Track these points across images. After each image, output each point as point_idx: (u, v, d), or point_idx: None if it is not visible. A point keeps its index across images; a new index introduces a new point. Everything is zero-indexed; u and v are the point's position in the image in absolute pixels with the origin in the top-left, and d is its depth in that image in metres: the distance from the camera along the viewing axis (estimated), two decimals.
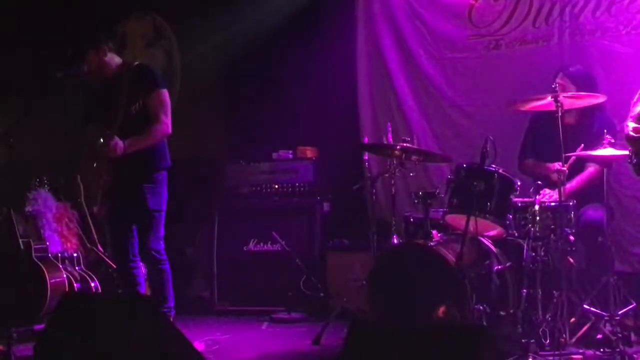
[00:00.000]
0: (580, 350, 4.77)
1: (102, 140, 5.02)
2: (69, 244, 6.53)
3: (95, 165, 5.16)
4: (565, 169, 5.01)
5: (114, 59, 5.29)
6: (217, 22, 7.40)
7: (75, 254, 6.40)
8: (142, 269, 5.36)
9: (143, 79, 5.15)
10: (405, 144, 5.56)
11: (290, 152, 7.23)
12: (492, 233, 5.30)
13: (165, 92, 5.20)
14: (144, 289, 5.38)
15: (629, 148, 4.86)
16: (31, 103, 5.21)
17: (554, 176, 5.26)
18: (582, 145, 5.17)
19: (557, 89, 5.15)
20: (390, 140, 5.75)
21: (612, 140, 4.94)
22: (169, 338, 4.28)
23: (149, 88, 5.13)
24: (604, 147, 4.94)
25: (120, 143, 5.00)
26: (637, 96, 4.96)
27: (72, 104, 6.11)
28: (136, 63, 5.33)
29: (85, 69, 5.20)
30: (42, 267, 6.04)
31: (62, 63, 5.24)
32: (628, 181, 5.88)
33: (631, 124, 4.84)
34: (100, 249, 6.46)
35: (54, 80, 5.20)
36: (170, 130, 5.21)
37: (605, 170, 5.05)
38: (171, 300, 5.29)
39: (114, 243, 5.48)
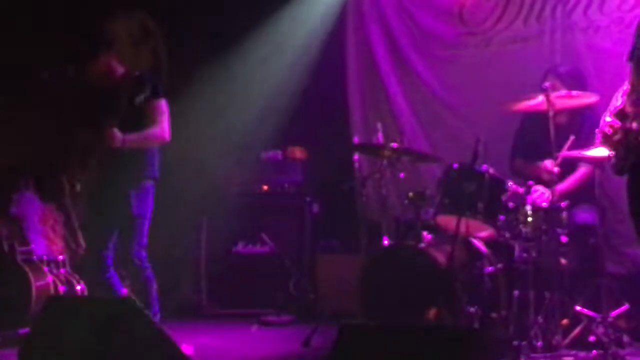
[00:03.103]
0: (572, 352, 4.76)
1: (99, 133, 4.99)
2: (54, 247, 6.47)
3: (85, 164, 5.12)
4: (556, 168, 4.98)
5: (119, 67, 5.30)
6: (206, 21, 7.36)
7: (60, 257, 6.35)
8: (116, 277, 5.30)
9: (144, 88, 5.14)
10: (395, 144, 5.54)
11: (280, 152, 7.19)
12: (483, 234, 5.28)
13: (164, 102, 5.22)
14: (125, 293, 5.33)
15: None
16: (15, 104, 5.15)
17: (545, 176, 5.24)
18: (571, 140, 5.12)
19: (548, 90, 5.14)
20: (381, 140, 5.72)
21: None
22: (156, 341, 4.24)
23: (149, 97, 5.12)
24: (596, 147, 4.90)
25: (119, 134, 4.97)
26: (620, 91, 4.88)
27: (57, 106, 6.06)
28: (137, 73, 5.32)
29: (72, 70, 5.18)
30: (27, 269, 5.98)
31: (69, 59, 5.21)
32: (620, 181, 5.83)
33: (608, 118, 4.73)
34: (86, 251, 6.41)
35: (38, 81, 5.17)
36: (168, 137, 5.20)
37: (597, 170, 5.02)
38: (155, 306, 5.24)
39: (91, 246, 5.44)
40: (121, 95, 5.10)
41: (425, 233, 5.37)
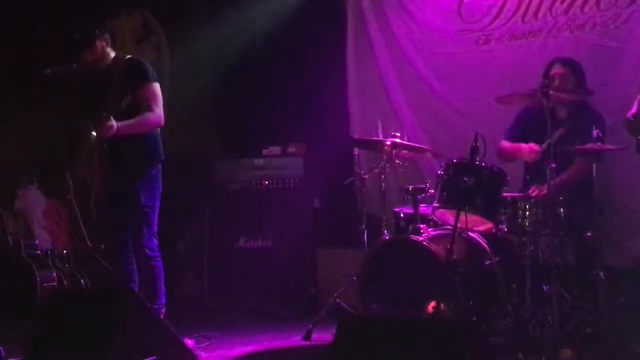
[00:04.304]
0: (570, 345, 4.77)
1: (95, 124, 5.02)
2: (58, 241, 6.52)
3: (89, 160, 5.15)
4: (539, 149, 5.03)
5: (111, 52, 5.31)
6: (207, 19, 7.39)
7: (64, 251, 6.39)
8: (134, 264, 5.34)
9: (134, 73, 5.15)
10: (395, 140, 5.57)
11: (280, 148, 7.22)
12: (481, 228, 5.31)
13: (156, 85, 5.21)
14: (137, 286, 5.37)
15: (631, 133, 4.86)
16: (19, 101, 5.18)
17: (527, 157, 5.30)
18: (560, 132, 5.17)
19: (557, 79, 5.22)
20: (380, 135, 5.75)
21: (601, 135, 4.95)
22: (159, 334, 4.29)
23: (140, 81, 5.13)
24: (593, 142, 4.95)
25: (114, 123, 4.99)
26: None
27: (60, 102, 6.09)
28: (127, 57, 5.33)
29: (75, 66, 5.21)
30: (32, 264, 6.03)
31: (69, 48, 5.23)
32: (619, 175, 5.88)
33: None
34: (90, 245, 6.45)
35: (42, 77, 5.20)
36: (162, 121, 5.21)
37: (594, 164, 5.05)
38: (162, 297, 5.28)
39: (109, 239, 5.47)
40: (113, 78, 5.12)
41: (424, 227, 5.40)
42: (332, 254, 6.79)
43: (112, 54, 5.30)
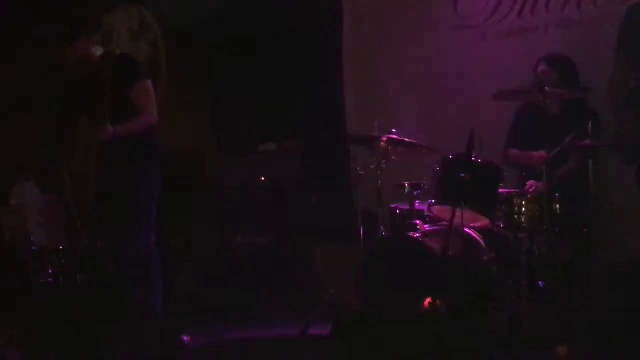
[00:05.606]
0: (566, 341, 4.78)
1: (91, 128, 5.03)
2: (54, 238, 6.50)
3: (86, 156, 5.16)
4: (549, 156, 5.02)
5: (98, 51, 5.29)
6: (201, 14, 7.39)
7: (60, 248, 6.38)
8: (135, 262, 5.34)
9: (125, 70, 5.14)
10: (391, 136, 5.58)
11: (276, 144, 7.22)
12: (478, 224, 5.33)
13: (148, 82, 5.20)
14: (134, 282, 5.36)
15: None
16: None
17: (538, 166, 5.29)
18: (569, 136, 5.17)
19: (540, 77, 5.21)
20: (377, 132, 5.76)
21: (597, 131, 4.96)
22: (155, 331, 4.30)
23: (132, 79, 5.12)
24: (589, 139, 4.96)
25: (110, 129, 4.99)
26: None
27: (57, 97, 6.08)
28: (118, 53, 5.33)
29: (69, 52, 5.20)
30: (27, 261, 6.02)
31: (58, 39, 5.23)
32: (617, 171, 5.89)
33: None
34: (86, 242, 6.44)
35: (38, 73, 5.20)
36: (156, 119, 5.20)
37: (590, 161, 5.06)
38: (159, 294, 5.28)
39: (106, 235, 5.47)
40: (105, 75, 5.11)
41: (420, 223, 5.41)
42: (328, 251, 6.79)
43: (99, 52, 5.28)
